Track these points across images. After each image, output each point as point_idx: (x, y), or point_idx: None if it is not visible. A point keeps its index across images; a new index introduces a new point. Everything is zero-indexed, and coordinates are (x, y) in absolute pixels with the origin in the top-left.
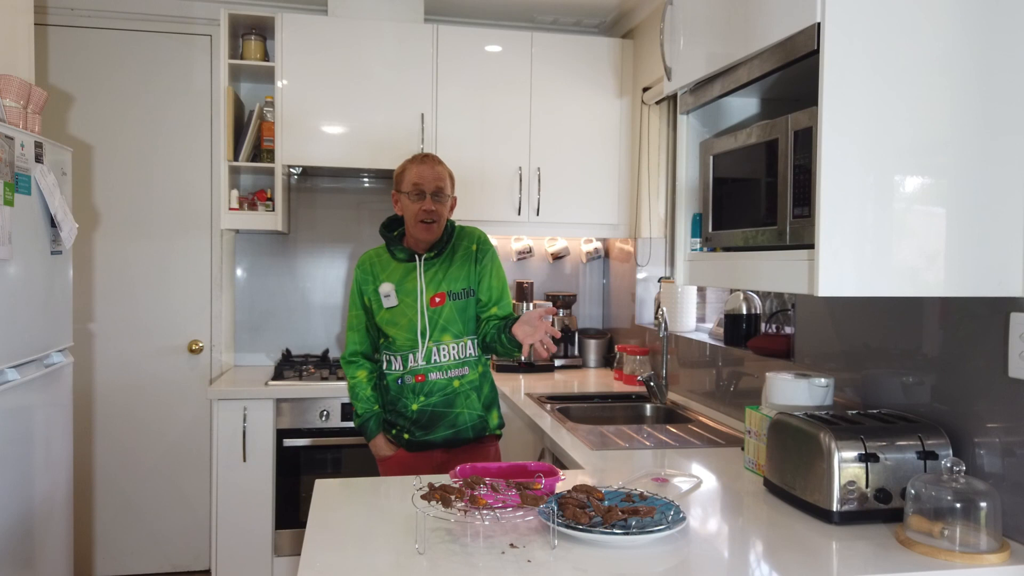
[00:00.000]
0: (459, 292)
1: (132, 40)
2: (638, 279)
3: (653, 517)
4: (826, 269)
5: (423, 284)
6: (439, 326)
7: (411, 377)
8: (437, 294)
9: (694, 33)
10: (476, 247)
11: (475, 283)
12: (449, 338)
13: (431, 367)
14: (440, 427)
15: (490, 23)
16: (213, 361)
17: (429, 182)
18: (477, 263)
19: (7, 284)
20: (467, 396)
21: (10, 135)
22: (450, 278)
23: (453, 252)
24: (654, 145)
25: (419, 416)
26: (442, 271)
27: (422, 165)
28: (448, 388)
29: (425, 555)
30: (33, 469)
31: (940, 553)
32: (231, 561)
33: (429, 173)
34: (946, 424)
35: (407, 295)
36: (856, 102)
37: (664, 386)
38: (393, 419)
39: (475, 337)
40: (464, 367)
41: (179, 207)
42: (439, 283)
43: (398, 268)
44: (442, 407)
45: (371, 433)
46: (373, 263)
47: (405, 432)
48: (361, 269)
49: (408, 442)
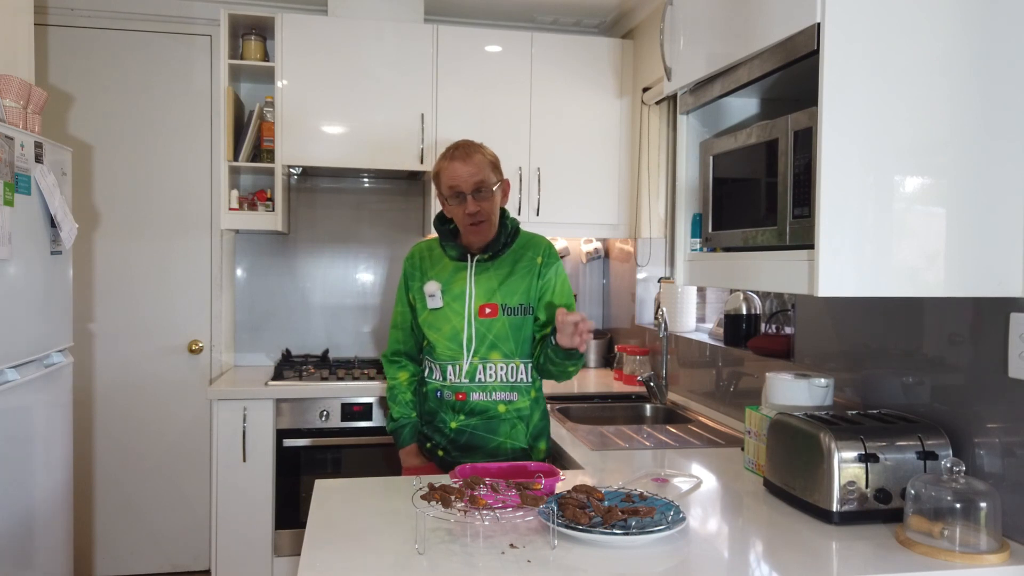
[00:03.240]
0: (515, 307)
1: (132, 40)
2: (638, 279)
3: (653, 517)
4: (826, 269)
5: (472, 289)
6: (488, 341)
7: (451, 393)
8: (488, 304)
9: (694, 33)
10: (541, 260)
11: (535, 300)
12: (498, 356)
13: (474, 386)
14: (478, 454)
15: (490, 23)
16: (213, 361)
17: (466, 180)
18: (540, 278)
19: (7, 284)
20: (513, 425)
21: (10, 135)
22: (507, 289)
23: (515, 260)
24: (654, 145)
25: (457, 436)
26: (497, 278)
27: (453, 162)
28: (491, 411)
29: (425, 555)
30: (33, 469)
31: (940, 553)
32: (231, 561)
33: (463, 170)
34: (946, 424)
35: (454, 299)
36: (856, 102)
37: (664, 386)
38: (429, 432)
39: (529, 361)
40: (513, 392)
41: (179, 207)
42: (492, 292)
43: (448, 266)
44: (483, 431)
45: (404, 441)
46: (423, 256)
47: (440, 449)
48: (410, 262)
49: (442, 460)
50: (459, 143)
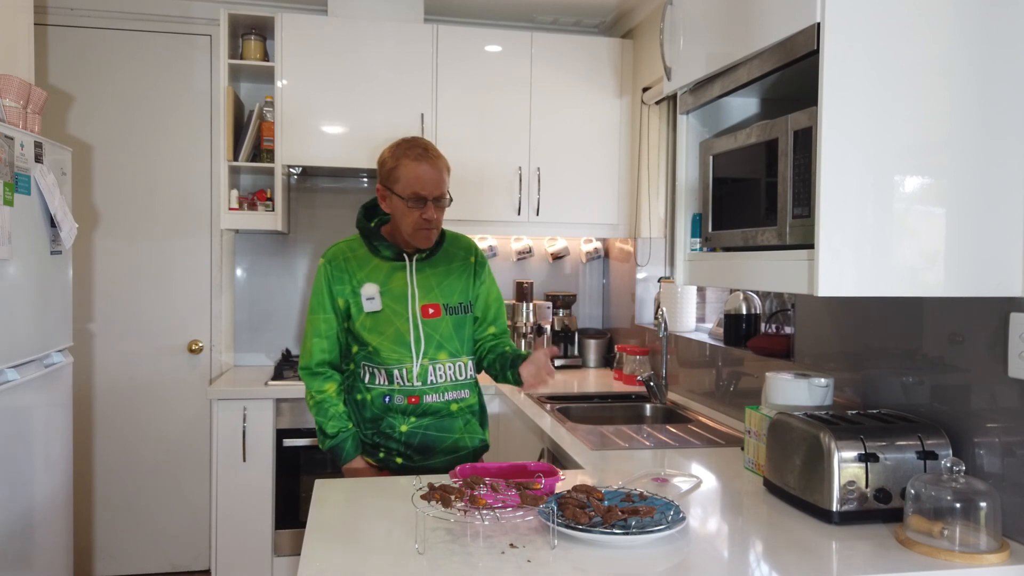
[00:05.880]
0: (456, 307)
1: (132, 40)
2: (638, 279)
3: (653, 517)
4: (826, 269)
5: (415, 289)
6: (435, 342)
7: (402, 397)
8: (431, 304)
9: (694, 33)
10: (475, 259)
11: (472, 298)
12: (445, 356)
13: (427, 388)
14: (438, 453)
15: (490, 23)
16: (213, 361)
17: (432, 187)
18: (476, 277)
19: (7, 284)
20: (467, 421)
21: (10, 135)
22: (446, 289)
23: (449, 259)
24: (654, 145)
25: (409, 438)
26: (435, 278)
27: (421, 164)
28: (444, 411)
29: (425, 555)
30: (33, 469)
31: (940, 553)
32: (231, 561)
33: (431, 176)
34: (946, 424)
35: (394, 300)
36: (856, 102)
37: (664, 386)
38: (379, 441)
39: (473, 357)
40: (464, 390)
41: (179, 207)
42: (432, 291)
43: (381, 267)
44: (435, 430)
45: (348, 455)
46: (347, 258)
47: (397, 456)
48: (332, 265)
49: (401, 467)
50: (420, 142)
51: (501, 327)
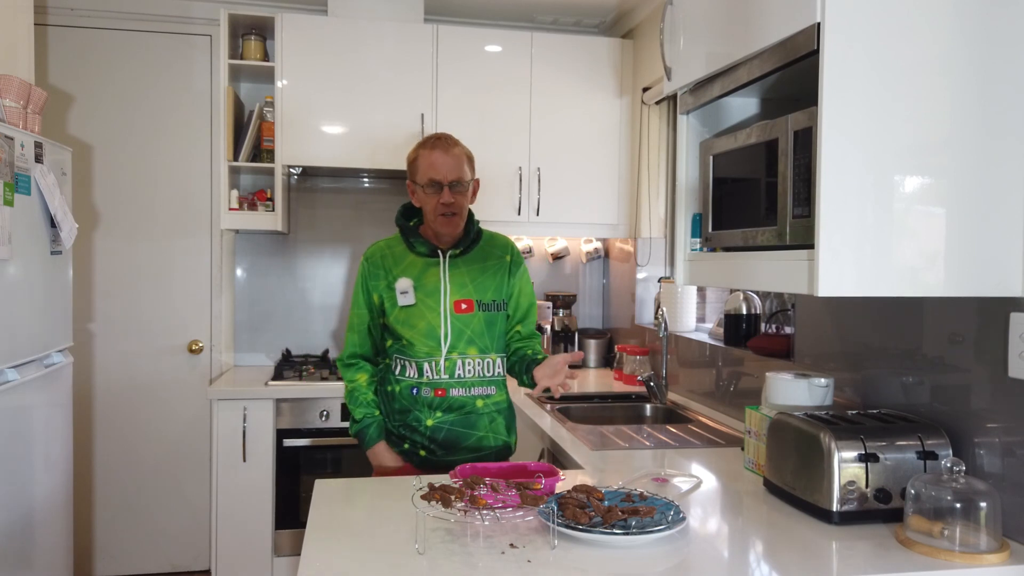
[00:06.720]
0: (489, 303)
1: (132, 40)
2: (638, 279)
3: (653, 517)
4: (826, 269)
5: (447, 284)
6: (465, 337)
7: (429, 390)
8: (463, 299)
9: (694, 33)
10: (511, 258)
11: (506, 296)
12: (475, 351)
13: (453, 382)
14: (461, 450)
15: (490, 23)
16: (213, 361)
17: (446, 172)
18: (511, 276)
19: (7, 284)
20: (492, 419)
21: (10, 135)
22: (480, 286)
23: (484, 257)
24: (654, 145)
25: (435, 432)
26: (469, 275)
27: (434, 151)
28: (468, 407)
29: (425, 555)
30: (33, 469)
31: (940, 553)
32: (231, 561)
33: (444, 161)
34: (946, 424)
35: (427, 295)
36: (856, 102)
37: (664, 386)
38: (405, 433)
39: (503, 355)
40: (491, 386)
41: (179, 207)
42: (465, 287)
43: (416, 263)
44: (460, 426)
45: (371, 440)
46: (385, 256)
47: (421, 448)
48: (370, 262)
49: (424, 459)
50: (439, 134)
51: (529, 328)
